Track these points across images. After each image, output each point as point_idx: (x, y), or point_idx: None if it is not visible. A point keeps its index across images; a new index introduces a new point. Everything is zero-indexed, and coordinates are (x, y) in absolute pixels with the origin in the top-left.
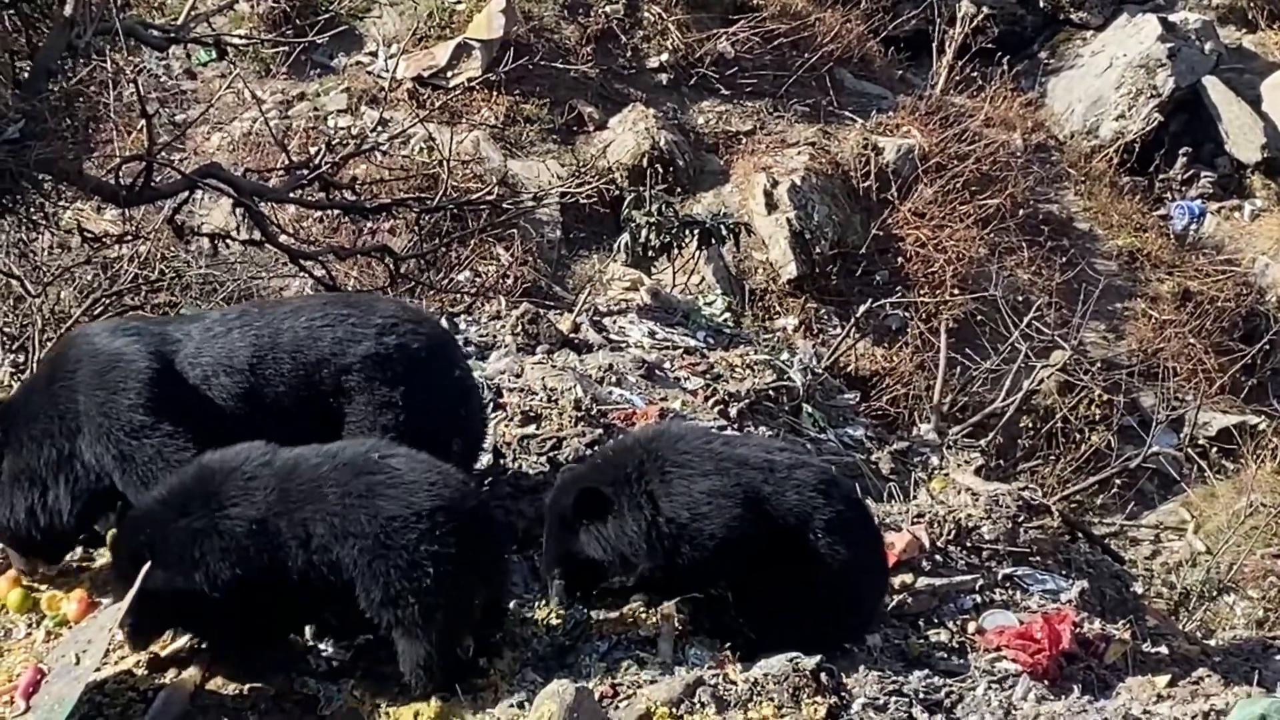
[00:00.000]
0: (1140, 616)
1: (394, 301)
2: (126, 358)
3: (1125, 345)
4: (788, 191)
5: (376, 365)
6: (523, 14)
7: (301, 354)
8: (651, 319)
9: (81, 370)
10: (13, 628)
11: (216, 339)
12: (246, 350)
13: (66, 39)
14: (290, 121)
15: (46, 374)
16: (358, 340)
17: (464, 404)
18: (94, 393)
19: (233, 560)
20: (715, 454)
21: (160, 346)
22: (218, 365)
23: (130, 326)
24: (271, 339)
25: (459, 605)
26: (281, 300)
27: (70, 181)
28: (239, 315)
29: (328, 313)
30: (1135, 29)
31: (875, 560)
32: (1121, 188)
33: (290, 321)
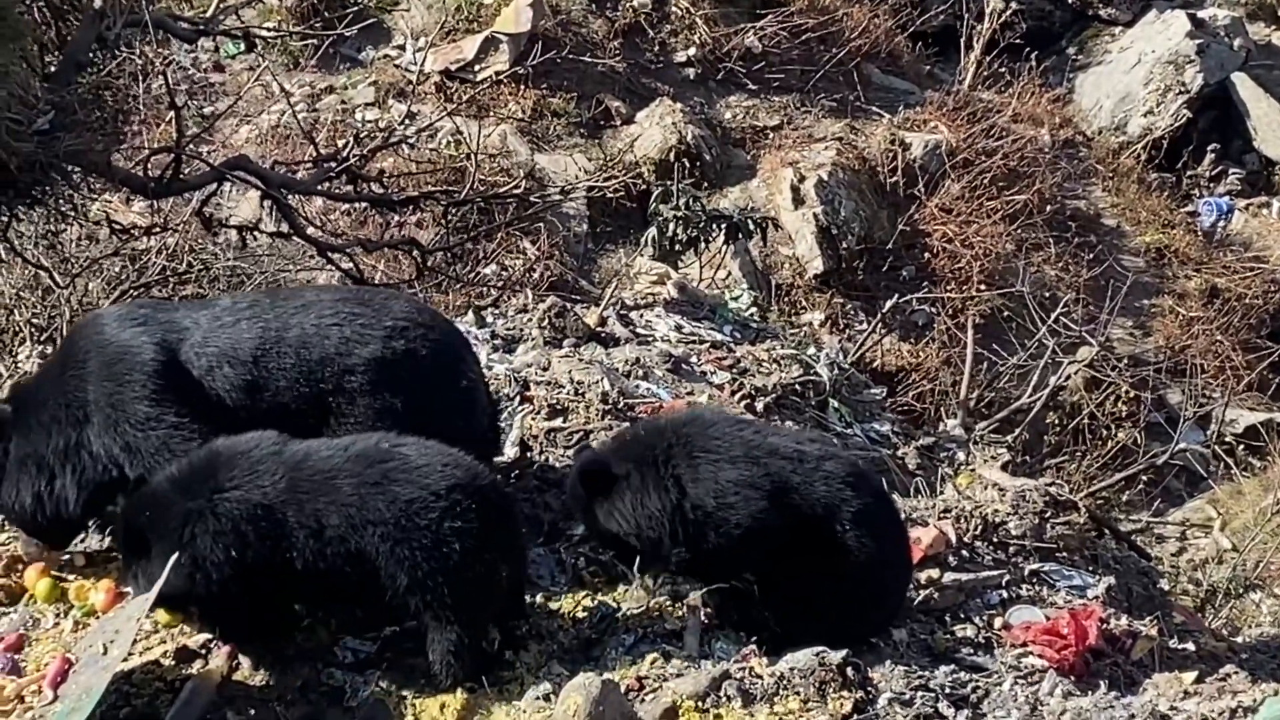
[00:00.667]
0: (1167, 613)
1: (410, 302)
2: (134, 349)
3: (1152, 342)
4: (814, 187)
5: (380, 369)
6: (550, 8)
7: (306, 350)
8: (678, 313)
9: (91, 360)
10: (41, 618)
11: (224, 329)
12: (252, 342)
13: (96, 31)
14: (318, 114)
15: (59, 361)
16: (364, 342)
17: (467, 416)
18: (102, 384)
19: (226, 544)
20: (746, 442)
21: (168, 335)
22: (222, 356)
23: (139, 314)
24: (278, 333)
25: (484, 581)
26: (297, 290)
27: (99, 173)
28: (250, 305)
29: (339, 310)
30: (1164, 25)
31: (900, 554)
32: (1149, 184)
33: (300, 316)
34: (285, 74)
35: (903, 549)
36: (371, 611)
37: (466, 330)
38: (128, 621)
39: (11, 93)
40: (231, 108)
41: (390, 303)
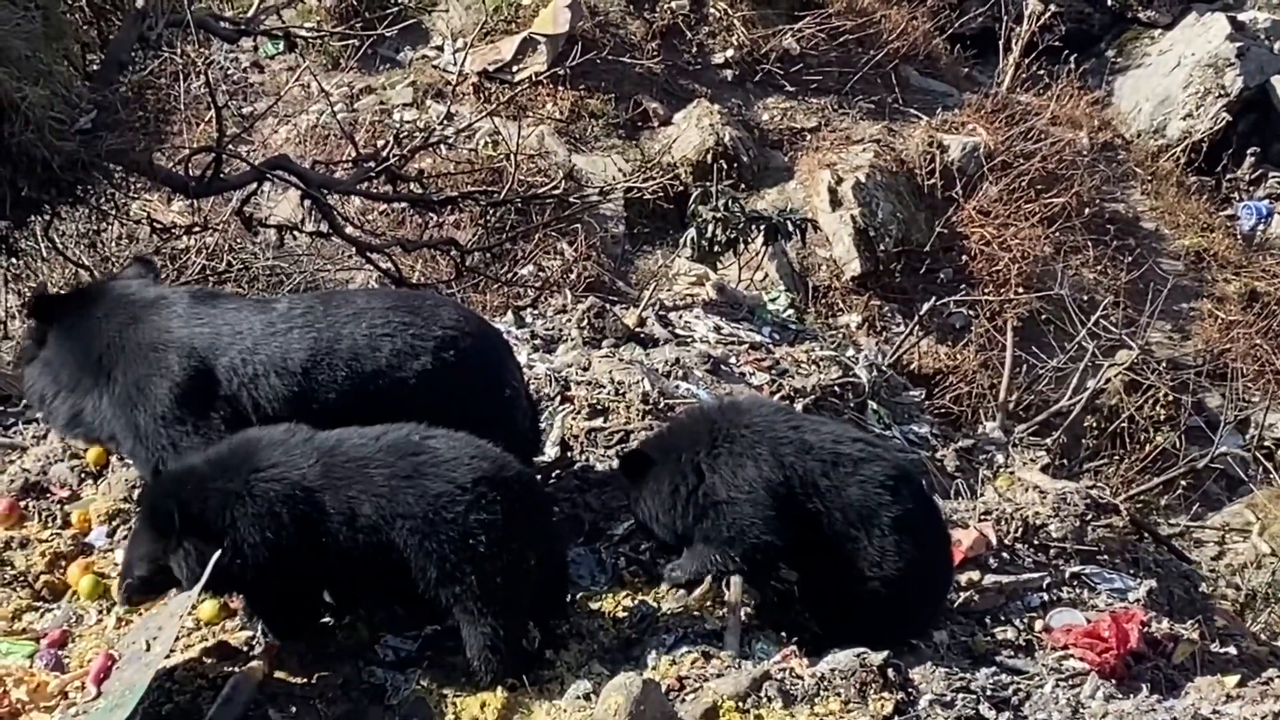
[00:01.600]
0: (1208, 616)
1: (456, 308)
2: (172, 352)
3: (1192, 345)
4: (852, 188)
5: (431, 381)
6: (588, 9)
7: (358, 363)
8: (717, 314)
9: (130, 340)
10: (84, 614)
11: (276, 337)
12: (303, 353)
13: (138, 31)
14: (357, 114)
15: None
16: (416, 354)
17: (508, 423)
18: (134, 365)
19: (264, 526)
20: (777, 438)
21: (217, 340)
22: (271, 365)
23: (199, 312)
24: (330, 344)
25: (514, 573)
26: (349, 296)
27: (140, 172)
28: (304, 312)
29: (389, 320)
30: (1204, 28)
31: (941, 561)
32: (1188, 187)
33: (351, 326)
34: (324, 74)
35: (944, 555)
36: (409, 607)
37: (505, 330)
38: (170, 618)
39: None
40: (271, 108)
41: (439, 310)
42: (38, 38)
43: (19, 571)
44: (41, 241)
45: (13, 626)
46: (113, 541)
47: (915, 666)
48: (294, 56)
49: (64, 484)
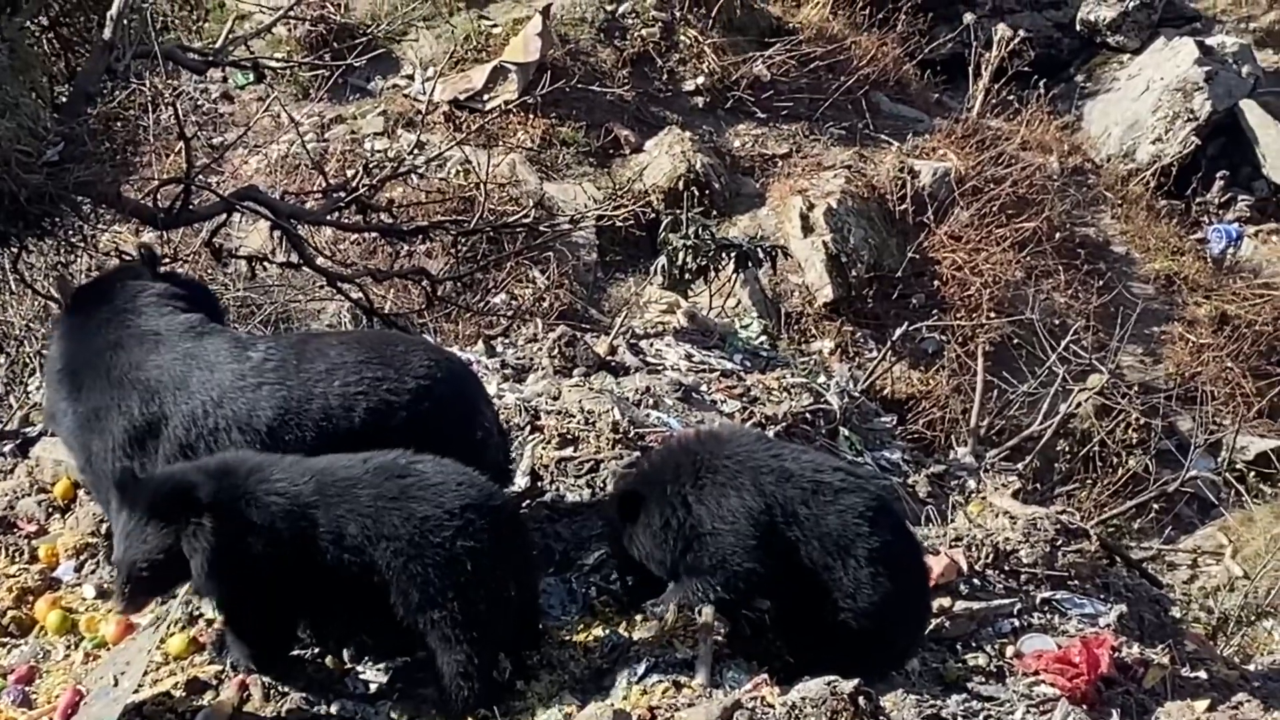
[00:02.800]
0: (1179, 641)
1: (428, 351)
2: (140, 391)
3: (1163, 369)
4: (824, 214)
5: (405, 434)
6: (559, 37)
7: (329, 424)
8: (688, 342)
9: (104, 366)
10: (52, 649)
11: (245, 392)
12: (269, 412)
13: (106, 62)
14: (327, 144)
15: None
16: (392, 412)
17: (479, 462)
18: (99, 394)
19: (263, 531)
20: (758, 467)
21: (183, 385)
22: (234, 421)
23: (181, 350)
24: (300, 404)
25: (494, 600)
26: (323, 346)
27: (109, 204)
28: (276, 366)
29: (362, 375)
30: (1172, 52)
31: (918, 592)
32: (1158, 211)
33: (324, 385)
34: (294, 104)
35: (921, 587)
36: (382, 637)
37: (476, 360)
38: (139, 653)
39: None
40: (241, 138)
41: (411, 358)
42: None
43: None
44: (10, 275)
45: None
46: (80, 576)
47: (886, 694)
48: (264, 87)
49: (31, 519)
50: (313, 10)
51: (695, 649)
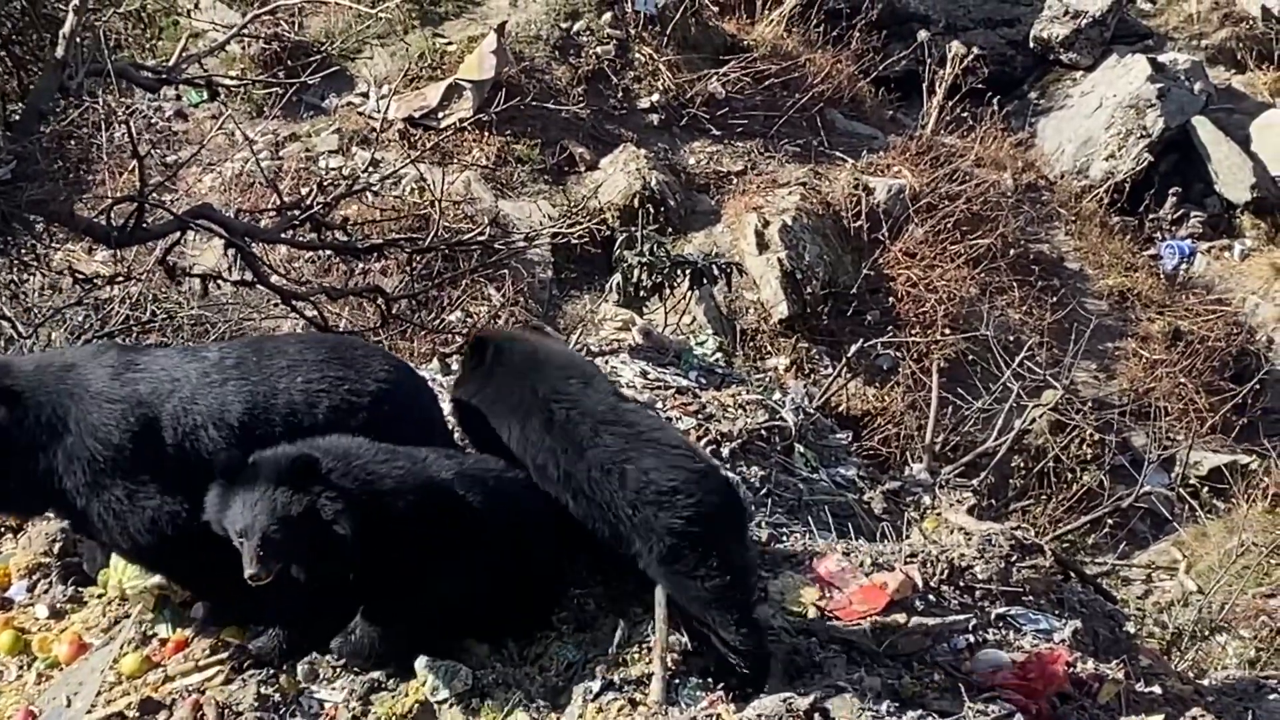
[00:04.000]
0: (1134, 656)
1: (384, 357)
2: (109, 426)
3: (1116, 385)
4: (779, 231)
5: (367, 434)
6: (514, 55)
7: (295, 419)
8: (643, 359)
9: (74, 411)
10: (4, 669)
11: (212, 388)
12: (240, 405)
13: (59, 80)
14: (281, 162)
15: (52, 381)
16: (353, 411)
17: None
18: (84, 440)
19: (369, 509)
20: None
21: (149, 397)
22: (209, 417)
23: (130, 373)
24: (266, 399)
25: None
26: (280, 344)
27: (62, 222)
28: (236, 363)
29: (325, 374)
30: (1125, 69)
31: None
32: (1112, 227)
33: (286, 380)
34: (249, 122)
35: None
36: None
37: (431, 378)
38: (92, 673)
39: None
40: (195, 156)
41: (370, 361)
42: None
43: None
44: None
45: None
46: (32, 596)
47: (842, 710)
48: (218, 105)
49: None
50: (267, 28)
51: (650, 666)
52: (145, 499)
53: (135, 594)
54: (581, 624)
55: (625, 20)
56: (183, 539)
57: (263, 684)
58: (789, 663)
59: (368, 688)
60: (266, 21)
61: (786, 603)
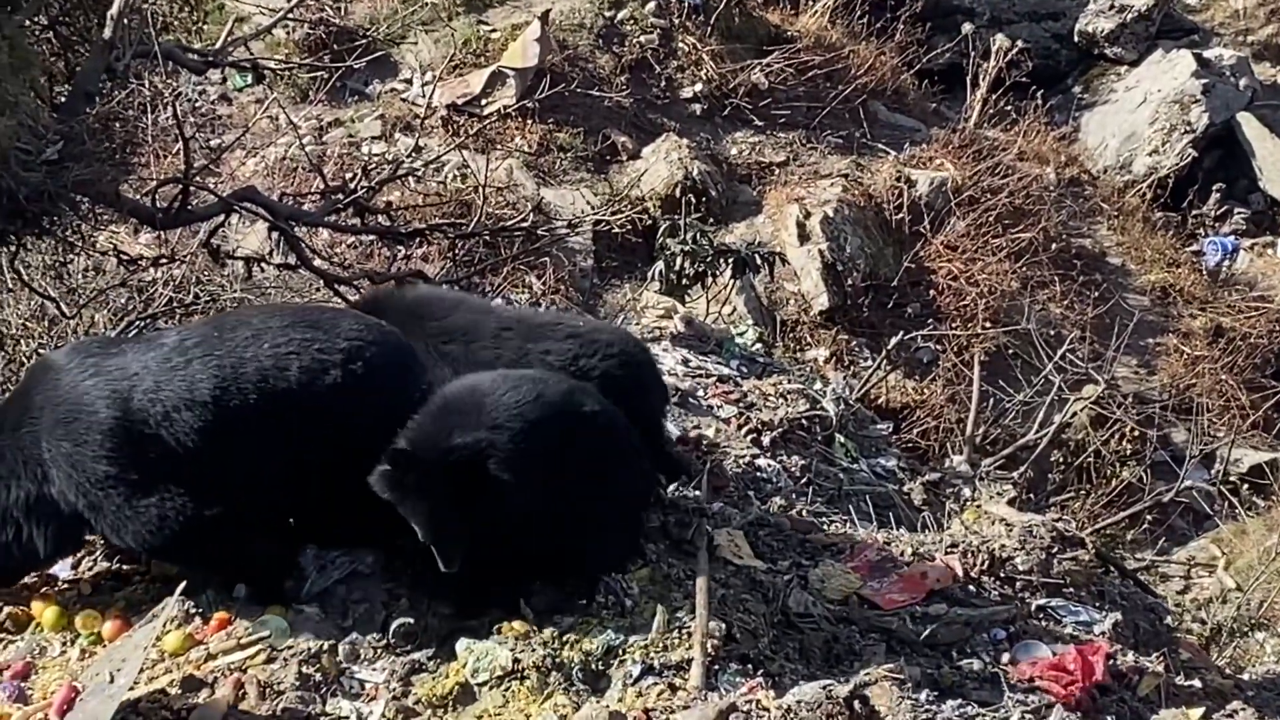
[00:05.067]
0: (1174, 649)
1: (355, 316)
2: (88, 407)
3: (1157, 380)
4: (820, 223)
5: (345, 393)
6: (557, 43)
7: (267, 385)
8: (685, 347)
9: (44, 417)
10: (48, 645)
11: (176, 371)
12: (208, 383)
13: (105, 62)
14: (325, 147)
15: (16, 409)
16: (325, 370)
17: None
18: (59, 443)
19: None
20: None
21: (119, 384)
22: (179, 400)
23: (89, 364)
24: (235, 369)
25: None
26: (242, 317)
27: (107, 203)
28: (199, 342)
29: (291, 338)
30: (1170, 65)
31: None
32: (1154, 223)
33: (253, 349)
34: (293, 107)
35: None
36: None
37: None
38: (134, 650)
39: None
40: (240, 139)
41: (339, 321)
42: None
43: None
44: (7, 273)
45: None
46: (77, 573)
47: (881, 699)
48: (262, 89)
49: None
50: (312, 13)
51: (690, 651)
52: (143, 500)
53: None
54: (622, 608)
55: (669, 9)
56: (196, 528)
57: (304, 663)
58: (828, 650)
59: (408, 669)
60: (312, 6)
61: (827, 591)
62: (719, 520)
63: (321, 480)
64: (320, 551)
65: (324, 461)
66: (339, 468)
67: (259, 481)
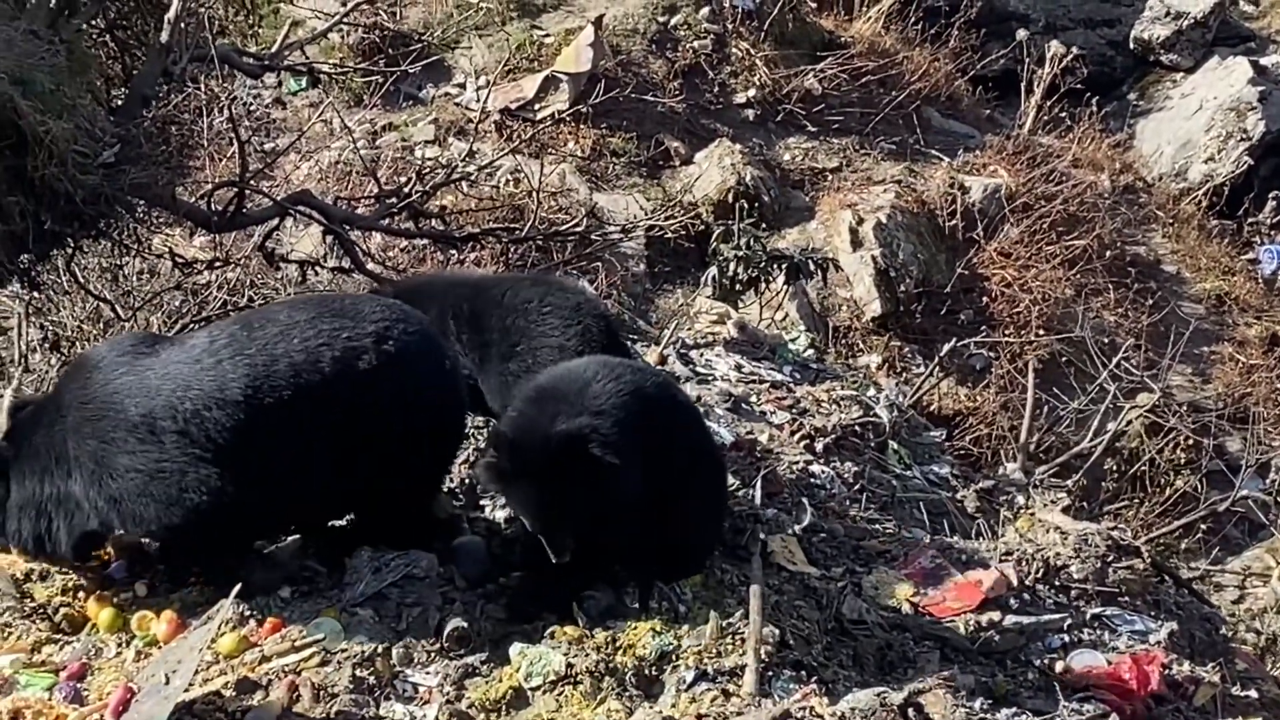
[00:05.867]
0: (1229, 659)
1: (375, 298)
2: (116, 406)
3: (1212, 389)
4: (873, 229)
5: (379, 376)
6: (611, 48)
7: (300, 379)
8: (738, 352)
9: (72, 415)
10: (103, 646)
11: (205, 371)
12: (239, 382)
13: (162, 65)
14: (379, 151)
15: (52, 406)
16: (359, 355)
17: (457, 390)
18: (85, 441)
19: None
20: None
21: (150, 383)
22: (209, 399)
23: (122, 361)
24: (266, 367)
25: None
26: (269, 314)
27: (163, 206)
28: (228, 342)
29: (319, 329)
30: (1226, 72)
31: None
32: (1210, 231)
33: (283, 344)
34: (347, 110)
35: None
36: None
37: None
38: (190, 652)
39: (78, 126)
40: (294, 144)
41: (360, 306)
42: (62, 72)
43: (39, 604)
44: (63, 275)
45: (32, 659)
46: (132, 575)
47: (935, 707)
48: (317, 93)
49: None
50: (367, 17)
51: (744, 657)
52: (163, 485)
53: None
54: (675, 614)
55: (722, 15)
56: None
57: (358, 666)
58: (881, 657)
59: (462, 672)
60: (366, 10)
61: (880, 598)
62: (772, 526)
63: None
64: (375, 554)
65: (369, 448)
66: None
67: (303, 475)
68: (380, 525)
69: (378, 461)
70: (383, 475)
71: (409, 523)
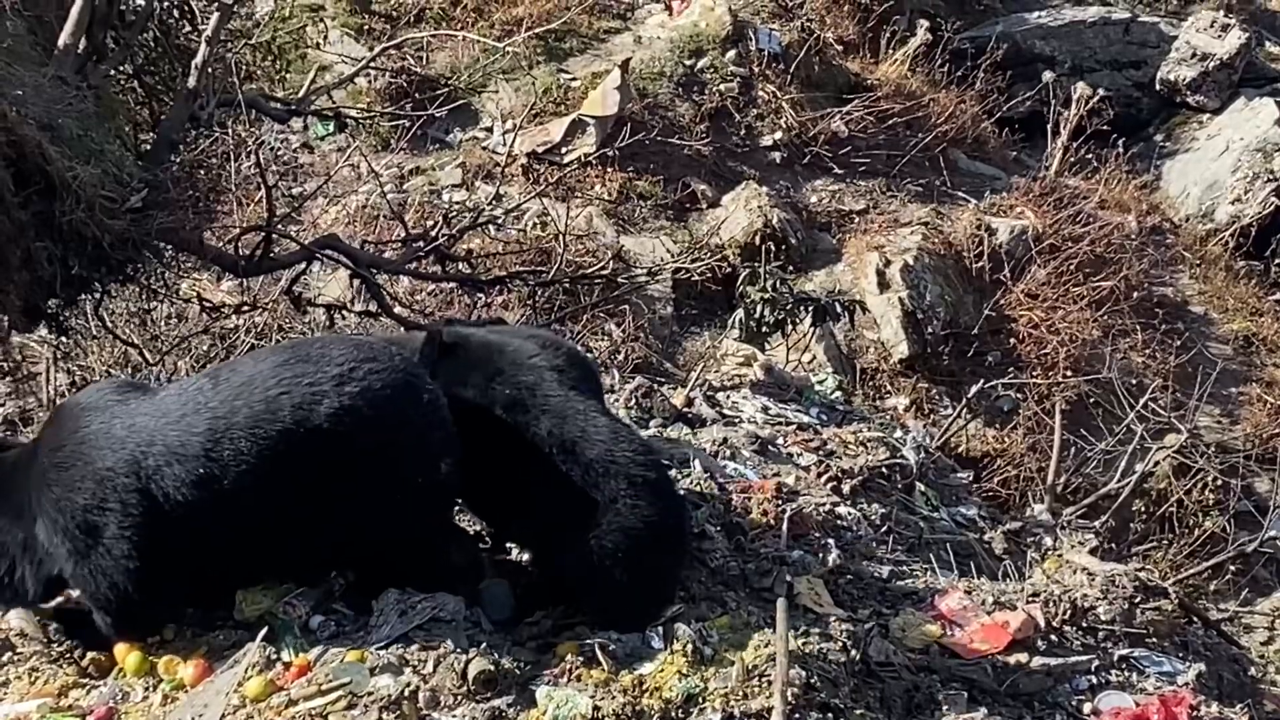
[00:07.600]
0: (1258, 701)
1: (344, 340)
2: (84, 456)
3: (1240, 430)
4: (900, 271)
5: (342, 419)
6: (637, 91)
7: (259, 430)
8: (765, 395)
9: (41, 461)
10: (130, 690)
11: (169, 425)
12: (200, 437)
13: (190, 110)
14: (406, 195)
15: (30, 451)
16: (318, 400)
17: (442, 425)
18: (49, 489)
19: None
20: None
21: (119, 434)
22: (170, 454)
23: (96, 412)
24: (226, 419)
25: None
26: (235, 367)
27: (191, 251)
28: (192, 396)
29: (280, 376)
30: (1252, 112)
31: None
32: (1237, 272)
33: (244, 397)
34: (374, 155)
35: None
36: None
37: None
38: (217, 695)
39: (106, 171)
40: (321, 188)
41: (329, 350)
42: (89, 117)
43: (66, 648)
44: (91, 320)
45: (59, 703)
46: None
47: None
48: (344, 137)
49: None
50: (394, 62)
51: (771, 699)
52: (119, 554)
53: (259, 617)
54: (701, 656)
55: (749, 58)
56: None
57: (384, 709)
58: (908, 699)
59: (489, 715)
60: (393, 55)
61: (907, 640)
62: (799, 568)
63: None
64: (401, 596)
65: (347, 495)
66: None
67: (276, 528)
68: (387, 574)
69: (361, 509)
70: (371, 523)
71: (419, 569)
